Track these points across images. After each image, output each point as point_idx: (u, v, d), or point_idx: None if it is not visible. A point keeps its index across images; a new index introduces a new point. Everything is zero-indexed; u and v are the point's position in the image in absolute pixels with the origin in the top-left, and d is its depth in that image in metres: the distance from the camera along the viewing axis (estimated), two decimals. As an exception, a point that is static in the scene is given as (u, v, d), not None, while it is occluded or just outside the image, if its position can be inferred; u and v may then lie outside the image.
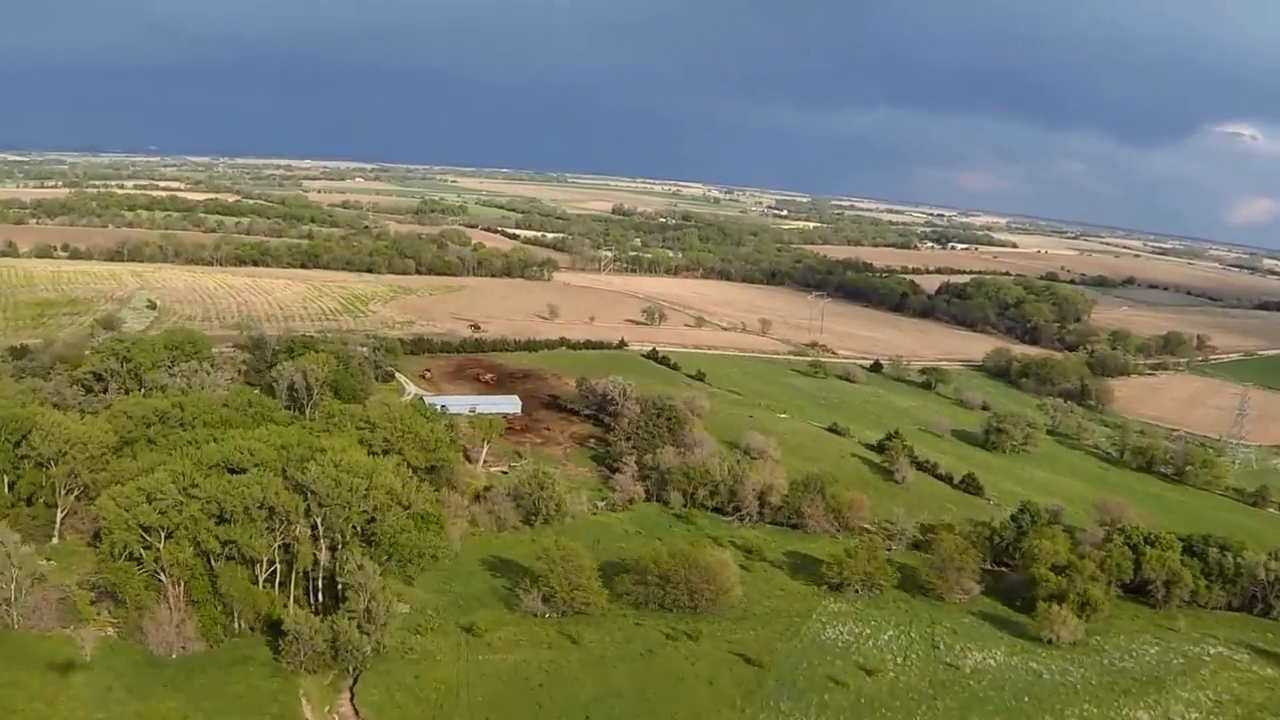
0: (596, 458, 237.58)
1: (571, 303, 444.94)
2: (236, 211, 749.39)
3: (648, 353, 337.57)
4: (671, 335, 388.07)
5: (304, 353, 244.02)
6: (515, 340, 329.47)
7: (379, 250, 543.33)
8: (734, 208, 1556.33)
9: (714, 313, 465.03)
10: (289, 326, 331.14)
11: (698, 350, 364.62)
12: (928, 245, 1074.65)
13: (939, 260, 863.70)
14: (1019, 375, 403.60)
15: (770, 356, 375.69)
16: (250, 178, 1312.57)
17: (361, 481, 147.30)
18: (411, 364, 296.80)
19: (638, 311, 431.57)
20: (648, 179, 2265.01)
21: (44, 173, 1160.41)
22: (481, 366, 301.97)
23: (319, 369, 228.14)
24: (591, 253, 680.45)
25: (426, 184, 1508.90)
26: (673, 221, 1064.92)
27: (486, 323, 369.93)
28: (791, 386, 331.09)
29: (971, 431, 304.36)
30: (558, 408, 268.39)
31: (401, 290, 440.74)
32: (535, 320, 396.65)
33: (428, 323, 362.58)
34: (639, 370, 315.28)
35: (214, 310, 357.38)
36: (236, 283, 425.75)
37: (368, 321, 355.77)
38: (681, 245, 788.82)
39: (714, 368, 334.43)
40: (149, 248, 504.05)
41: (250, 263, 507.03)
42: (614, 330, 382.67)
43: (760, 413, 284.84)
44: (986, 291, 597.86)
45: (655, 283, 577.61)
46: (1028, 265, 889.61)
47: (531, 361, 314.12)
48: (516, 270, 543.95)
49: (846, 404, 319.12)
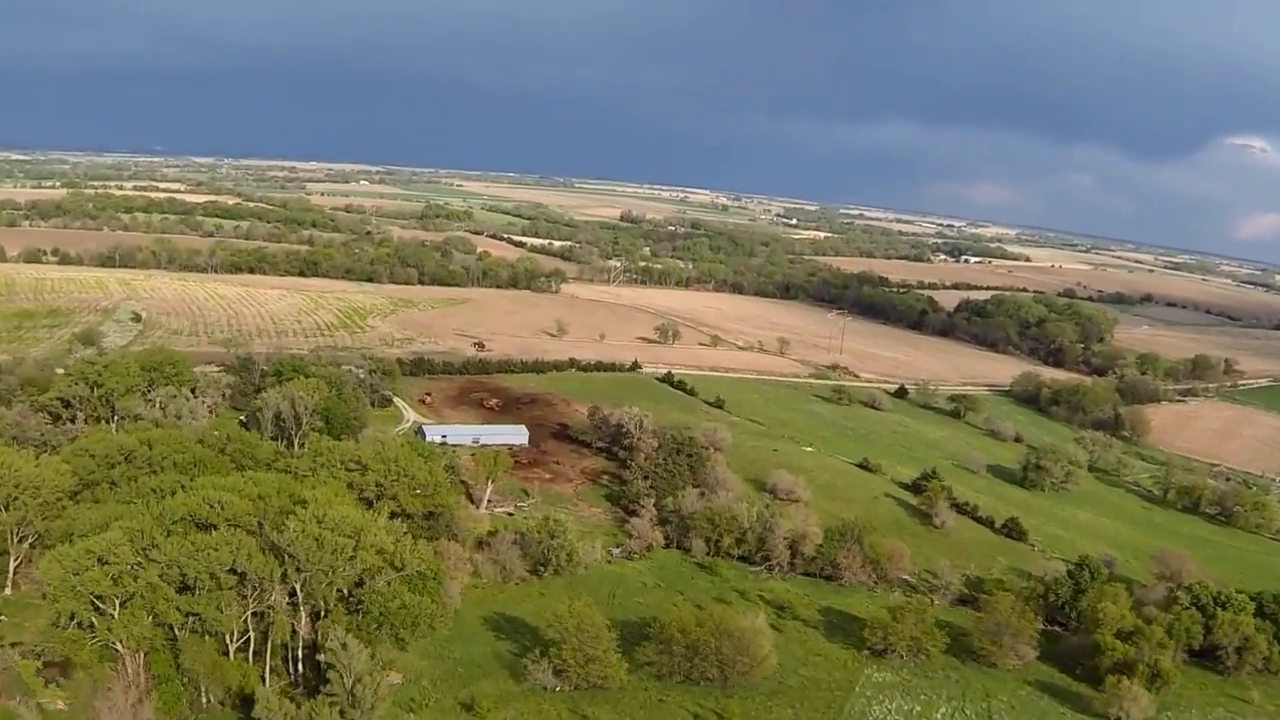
0: (611, 496, 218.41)
1: (580, 318, 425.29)
2: (236, 215, 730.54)
3: (662, 376, 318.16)
4: (686, 355, 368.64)
5: (293, 377, 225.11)
6: (522, 361, 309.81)
7: (380, 258, 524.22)
8: (742, 215, 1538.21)
9: (729, 330, 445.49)
10: (280, 343, 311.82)
11: (714, 373, 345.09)
12: (940, 258, 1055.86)
13: (954, 274, 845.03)
14: (1049, 403, 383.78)
15: (791, 380, 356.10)
16: (253, 179, 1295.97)
17: (348, 542, 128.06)
18: (411, 386, 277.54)
19: (650, 329, 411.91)
20: (655, 185, 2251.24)
21: (45, 172, 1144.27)
22: (486, 390, 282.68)
23: (309, 396, 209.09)
24: (600, 262, 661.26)
25: (432, 188, 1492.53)
26: (682, 230, 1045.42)
27: (491, 340, 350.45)
28: (815, 415, 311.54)
29: (1008, 468, 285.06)
30: (568, 438, 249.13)
31: (402, 303, 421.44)
32: (543, 337, 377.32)
33: (429, 340, 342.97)
34: (653, 395, 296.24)
35: (203, 323, 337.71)
36: (229, 293, 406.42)
37: (365, 338, 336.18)
38: (692, 255, 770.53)
39: (733, 393, 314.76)
40: (142, 253, 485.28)
41: (246, 269, 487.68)
42: (625, 349, 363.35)
43: (785, 446, 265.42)
44: (1007, 310, 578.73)
45: (666, 296, 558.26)
46: (1043, 280, 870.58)
47: (539, 385, 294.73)
48: (523, 281, 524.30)
49: (874, 435, 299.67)
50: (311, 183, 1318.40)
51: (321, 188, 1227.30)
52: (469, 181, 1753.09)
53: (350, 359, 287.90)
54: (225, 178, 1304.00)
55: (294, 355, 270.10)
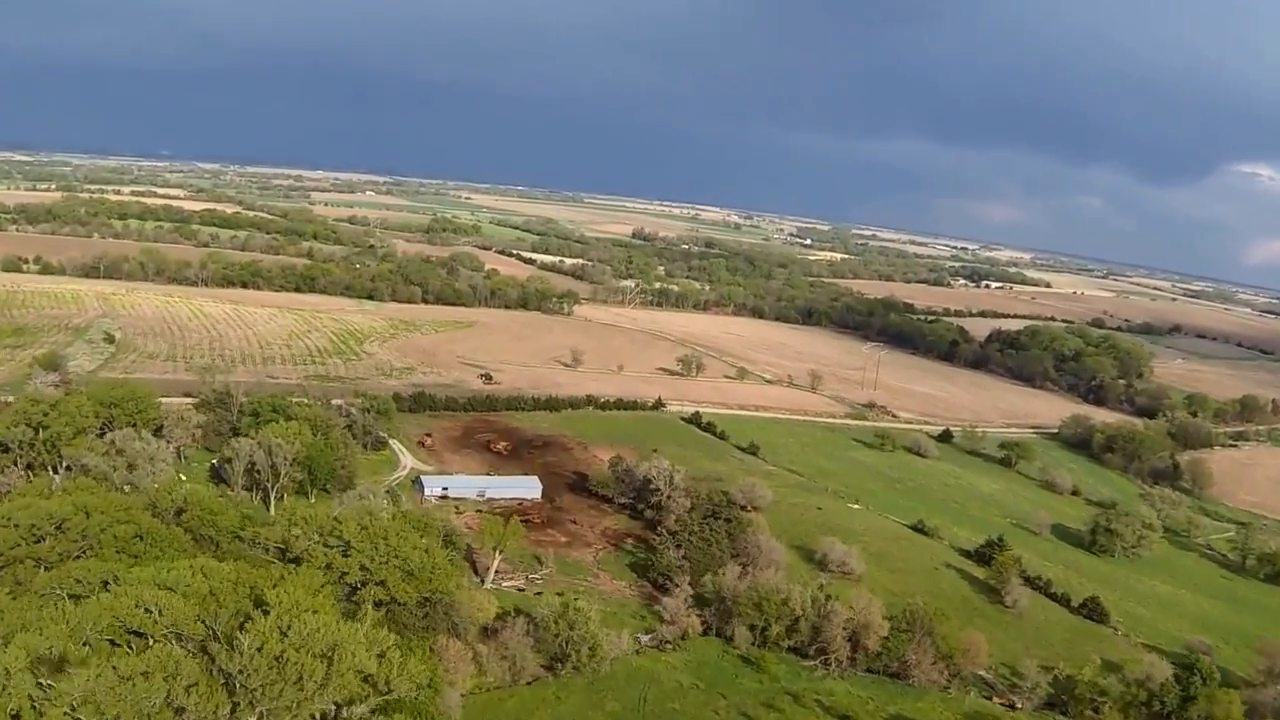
0: (637, 566, 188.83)
1: (596, 345, 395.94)
2: (234, 224, 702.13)
3: (689, 417, 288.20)
4: (712, 390, 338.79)
5: (273, 418, 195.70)
6: (534, 398, 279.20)
7: (382, 275, 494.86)
8: (755, 234, 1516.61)
9: (755, 361, 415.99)
10: (266, 371, 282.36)
11: (744, 412, 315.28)
12: (960, 282, 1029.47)
13: (977, 300, 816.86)
14: (1102, 449, 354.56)
15: (826, 421, 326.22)
16: (257, 187, 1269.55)
17: (318, 665, 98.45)
18: (410, 424, 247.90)
19: (671, 358, 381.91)
20: (665, 201, 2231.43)
21: (44, 174, 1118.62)
22: (494, 431, 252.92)
23: (288, 444, 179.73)
24: (614, 282, 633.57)
25: (439, 200, 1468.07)
26: (696, 248, 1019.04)
27: (500, 370, 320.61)
28: (857, 463, 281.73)
29: (1072, 529, 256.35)
30: (586, 491, 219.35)
31: (403, 326, 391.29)
32: (556, 367, 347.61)
33: (432, 369, 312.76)
34: (680, 439, 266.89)
35: (182, 346, 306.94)
36: (216, 311, 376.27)
37: (361, 366, 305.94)
38: (708, 276, 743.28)
39: (766, 436, 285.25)
40: (128, 264, 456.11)
41: (239, 284, 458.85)
42: (646, 383, 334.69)
43: (829, 502, 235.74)
44: (1042, 342, 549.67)
45: (685, 320, 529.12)
46: (1069, 309, 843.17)
47: (553, 424, 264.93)
48: (533, 302, 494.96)
49: (924, 489, 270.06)
50: (317, 192, 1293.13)
51: (326, 197, 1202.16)
52: (477, 194, 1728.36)
53: (343, 390, 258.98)
54: (228, 185, 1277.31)
55: (277, 392, 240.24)
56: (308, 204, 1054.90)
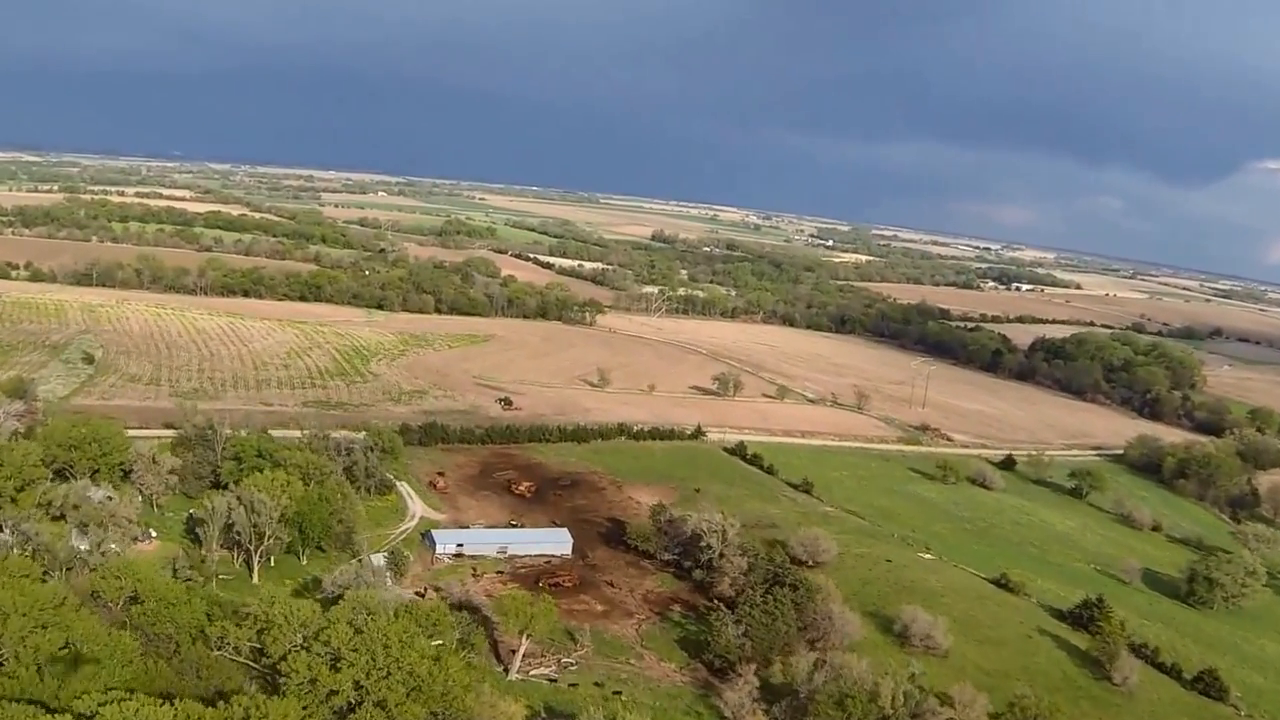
0: (688, 641, 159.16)
1: (623, 361, 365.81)
2: (240, 227, 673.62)
3: (733, 447, 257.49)
4: (752, 413, 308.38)
5: (258, 465, 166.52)
6: (560, 428, 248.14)
7: (392, 283, 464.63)
8: (775, 235, 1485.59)
9: (793, 376, 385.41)
10: (260, 397, 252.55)
11: (790, 439, 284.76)
12: (989, 285, 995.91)
13: (1011, 305, 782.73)
14: (1174, 474, 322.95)
15: (879, 447, 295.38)
16: (267, 188, 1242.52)
17: None
18: (421, 461, 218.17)
19: (705, 376, 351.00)
20: (681, 202, 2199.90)
21: (51, 175, 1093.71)
22: (514, 467, 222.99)
23: (274, 500, 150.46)
24: (636, 288, 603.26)
25: (452, 201, 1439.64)
26: (718, 251, 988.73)
27: (519, 392, 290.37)
28: (920, 499, 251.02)
29: (1162, 575, 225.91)
30: (624, 544, 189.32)
31: (414, 341, 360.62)
32: (581, 388, 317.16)
33: (445, 393, 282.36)
34: (724, 474, 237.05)
35: (168, 367, 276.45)
36: (210, 325, 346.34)
37: (366, 390, 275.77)
38: (734, 280, 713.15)
39: (818, 469, 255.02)
40: (123, 271, 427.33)
41: (240, 292, 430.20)
42: (680, 405, 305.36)
43: (898, 552, 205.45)
44: (1089, 351, 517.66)
45: (713, 329, 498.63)
46: (1104, 312, 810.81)
47: (582, 458, 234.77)
48: (553, 311, 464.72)
49: (995, 529, 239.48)
50: (327, 193, 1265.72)
51: (337, 198, 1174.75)
52: (491, 195, 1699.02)
53: (345, 419, 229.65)
54: (237, 185, 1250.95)
55: (270, 422, 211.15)
56: (317, 205, 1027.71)
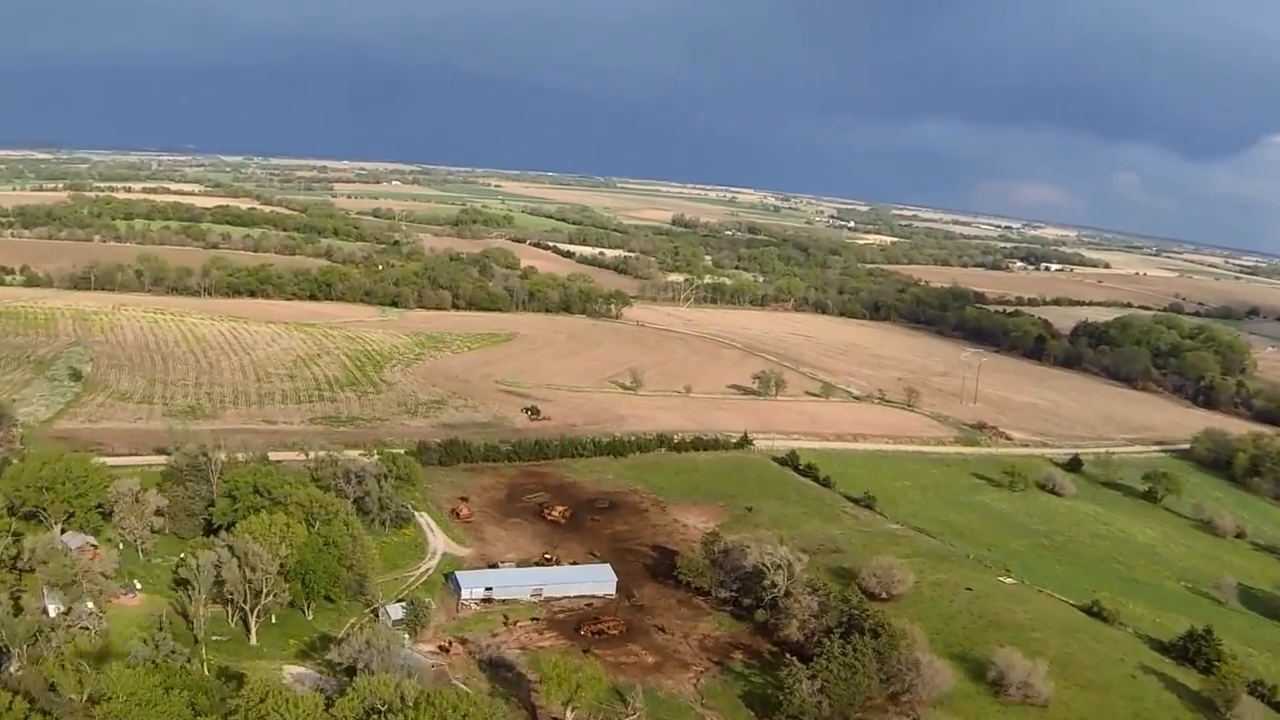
0: (754, 696, 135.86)
1: (655, 359, 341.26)
2: (248, 221, 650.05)
3: (784, 457, 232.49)
4: (798, 416, 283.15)
5: (255, 504, 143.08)
6: (594, 442, 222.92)
7: (407, 278, 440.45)
8: (795, 217, 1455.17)
9: (836, 371, 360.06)
10: (262, 414, 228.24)
11: (843, 445, 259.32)
12: (1018, 266, 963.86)
13: (1043, 286, 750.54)
14: (1247, 471, 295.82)
15: (937, 451, 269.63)
16: (279, 180, 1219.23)
17: None
18: (441, 483, 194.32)
19: (743, 373, 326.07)
20: (699, 185, 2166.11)
21: (59, 173, 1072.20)
22: (546, 488, 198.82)
23: (272, 550, 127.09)
24: (661, 276, 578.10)
25: (468, 188, 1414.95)
26: (740, 234, 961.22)
27: (547, 398, 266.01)
28: (990, 511, 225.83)
29: (1257, 591, 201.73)
30: (673, 578, 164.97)
31: (430, 343, 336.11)
32: (612, 391, 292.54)
33: (465, 403, 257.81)
34: (777, 489, 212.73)
35: (163, 382, 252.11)
36: (211, 332, 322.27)
37: (380, 401, 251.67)
38: (760, 266, 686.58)
39: (877, 478, 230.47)
40: (123, 273, 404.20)
41: (246, 293, 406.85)
42: (719, 405, 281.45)
43: (976, 577, 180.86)
44: (1133, 335, 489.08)
45: (744, 320, 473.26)
46: (1138, 292, 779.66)
47: (620, 476, 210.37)
48: (577, 305, 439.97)
49: (1074, 544, 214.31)
50: (340, 183, 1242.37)
51: (350, 189, 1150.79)
52: (507, 182, 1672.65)
53: (357, 436, 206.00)
54: (249, 178, 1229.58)
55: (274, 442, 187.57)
56: (330, 196, 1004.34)
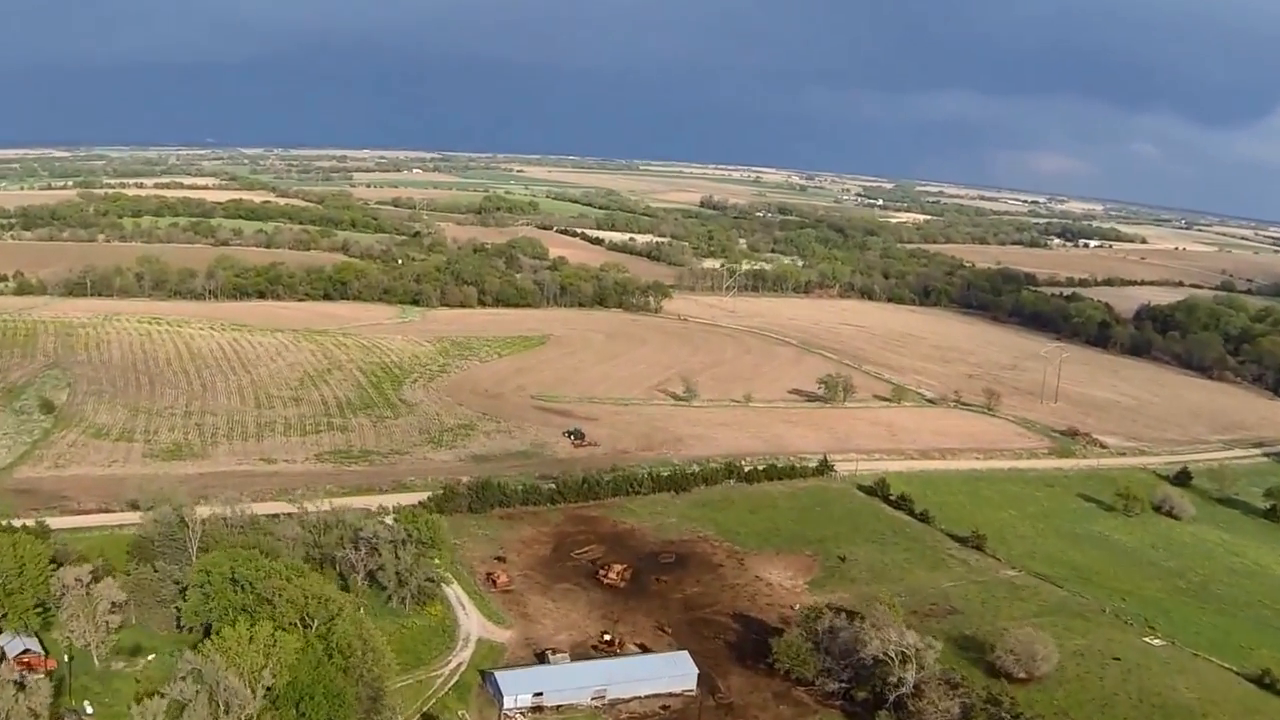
0: None
1: (704, 360, 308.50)
2: (262, 215, 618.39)
3: (871, 486, 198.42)
4: (874, 427, 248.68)
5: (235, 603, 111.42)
6: (651, 474, 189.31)
7: (428, 274, 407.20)
8: (822, 196, 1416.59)
9: (901, 368, 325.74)
10: (260, 451, 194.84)
11: (930, 464, 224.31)
12: (1056, 243, 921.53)
13: (1090, 264, 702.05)
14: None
15: (1035, 467, 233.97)
16: (297, 171, 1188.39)
17: None
18: (472, 536, 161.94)
19: (804, 374, 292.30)
20: (722, 165, 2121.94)
21: (73, 170, 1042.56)
22: (598, 538, 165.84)
23: (253, 680, 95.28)
24: (696, 263, 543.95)
25: (490, 174, 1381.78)
26: (773, 216, 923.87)
27: (591, 417, 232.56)
28: (1109, 544, 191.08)
29: None
30: (764, 663, 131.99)
31: (455, 350, 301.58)
32: (663, 402, 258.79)
33: (497, 425, 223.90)
34: (870, 528, 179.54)
35: (148, 412, 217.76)
36: (209, 345, 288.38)
37: (398, 429, 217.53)
38: (798, 249, 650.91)
39: (978, 507, 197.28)
40: (121, 277, 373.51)
41: (255, 294, 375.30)
42: (783, 415, 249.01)
43: (1120, 638, 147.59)
44: (1200, 319, 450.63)
45: (791, 309, 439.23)
46: (1184, 269, 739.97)
47: (685, 517, 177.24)
48: (612, 298, 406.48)
49: (1213, 583, 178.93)
50: (360, 172, 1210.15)
51: (369, 178, 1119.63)
52: (529, 166, 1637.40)
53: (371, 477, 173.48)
54: (267, 170, 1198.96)
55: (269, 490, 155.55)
56: (349, 186, 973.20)
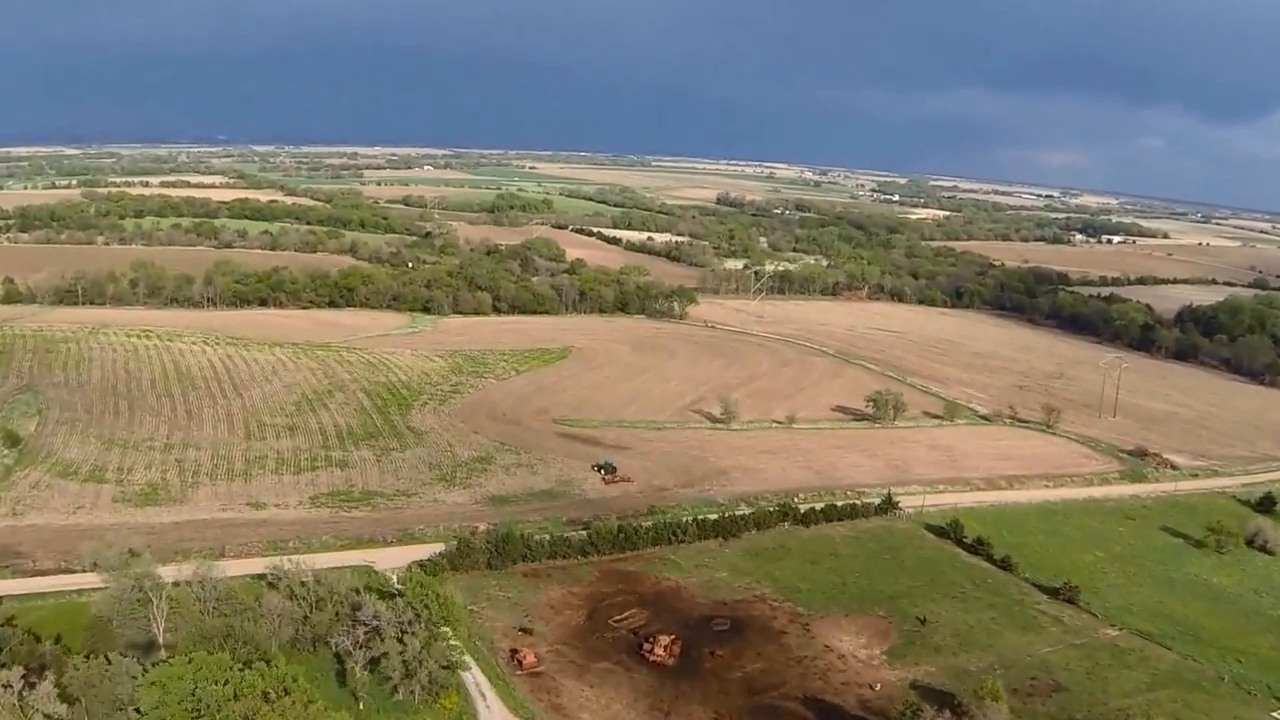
0: None
1: (739, 373, 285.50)
2: (268, 215, 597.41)
3: (943, 528, 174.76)
4: (932, 452, 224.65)
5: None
6: (696, 519, 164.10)
7: (440, 279, 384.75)
8: (837, 191, 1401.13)
9: (945, 379, 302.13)
10: (246, 494, 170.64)
11: (998, 495, 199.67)
12: (1079, 238, 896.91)
13: (1116, 262, 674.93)
14: None
15: (1111, 495, 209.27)
16: (307, 168, 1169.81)
17: None
18: (493, 603, 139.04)
19: (846, 388, 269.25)
20: (732, 161, 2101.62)
21: (81, 168, 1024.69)
22: (639, 600, 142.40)
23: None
24: (718, 263, 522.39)
25: (502, 171, 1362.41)
26: (792, 214, 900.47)
27: (622, 445, 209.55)
28: (1208, 589, 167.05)
29: None
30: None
31: (469, 366, 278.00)
32: (699, 424, 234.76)
33: (516, 458, 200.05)
34: (946, 579, 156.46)
35: (123, 445, 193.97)
36: (200, 362, 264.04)
37: (406, 465, 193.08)
38: (820, 248, 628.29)
39: (1061, 547, 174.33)
40: (115, 284, 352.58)
41: (256, 302, 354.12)
42: (830, 437, 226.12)
43: (1244, 713, 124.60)
44: (1245, 321, 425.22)
45: (821, 313, 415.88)
46: (1213, 265, 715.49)
47: (736, 570, 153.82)
48: (634, 303, 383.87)
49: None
50: (371, 170, 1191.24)
51: (380, 175, 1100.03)
52: (541, 163, 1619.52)
53: (372, 526, 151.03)
54: (276, 167, 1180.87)
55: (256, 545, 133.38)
56: (359, 184, 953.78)
